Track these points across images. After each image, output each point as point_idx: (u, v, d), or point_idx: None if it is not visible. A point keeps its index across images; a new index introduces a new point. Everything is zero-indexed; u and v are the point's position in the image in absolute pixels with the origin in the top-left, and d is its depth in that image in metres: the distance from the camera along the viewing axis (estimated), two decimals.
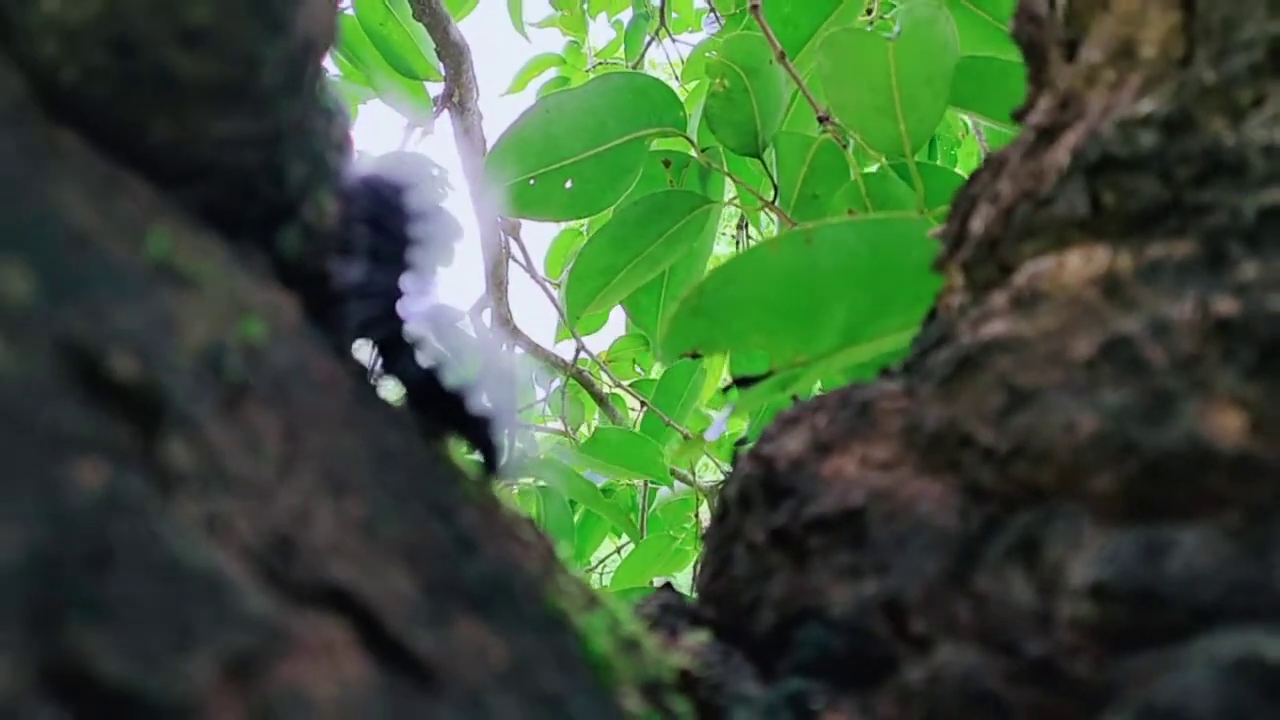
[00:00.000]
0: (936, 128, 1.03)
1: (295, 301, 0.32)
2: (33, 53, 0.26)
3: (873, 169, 1.07)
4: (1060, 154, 0.38)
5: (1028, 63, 0.48)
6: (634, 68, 2.17)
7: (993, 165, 0.44)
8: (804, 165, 1.09)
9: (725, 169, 1.18)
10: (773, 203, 1.13)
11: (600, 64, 2.35)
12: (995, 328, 0.36)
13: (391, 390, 0.34)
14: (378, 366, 0.34)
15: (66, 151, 0.25)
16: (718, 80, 1.10)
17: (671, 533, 1.38)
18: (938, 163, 1.39)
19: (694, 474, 1.43)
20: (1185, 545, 0.26)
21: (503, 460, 0.33)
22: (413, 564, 0.22)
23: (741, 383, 0.59)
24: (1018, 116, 0.49)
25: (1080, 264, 0.35)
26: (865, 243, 0.60)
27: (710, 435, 0.60)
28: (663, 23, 2.13)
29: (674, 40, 2.24)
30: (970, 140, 1.66)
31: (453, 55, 1.88)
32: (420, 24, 1.83)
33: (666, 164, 1.23)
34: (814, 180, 1.10)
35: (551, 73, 2.26)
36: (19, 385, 0.18)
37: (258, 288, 0.29)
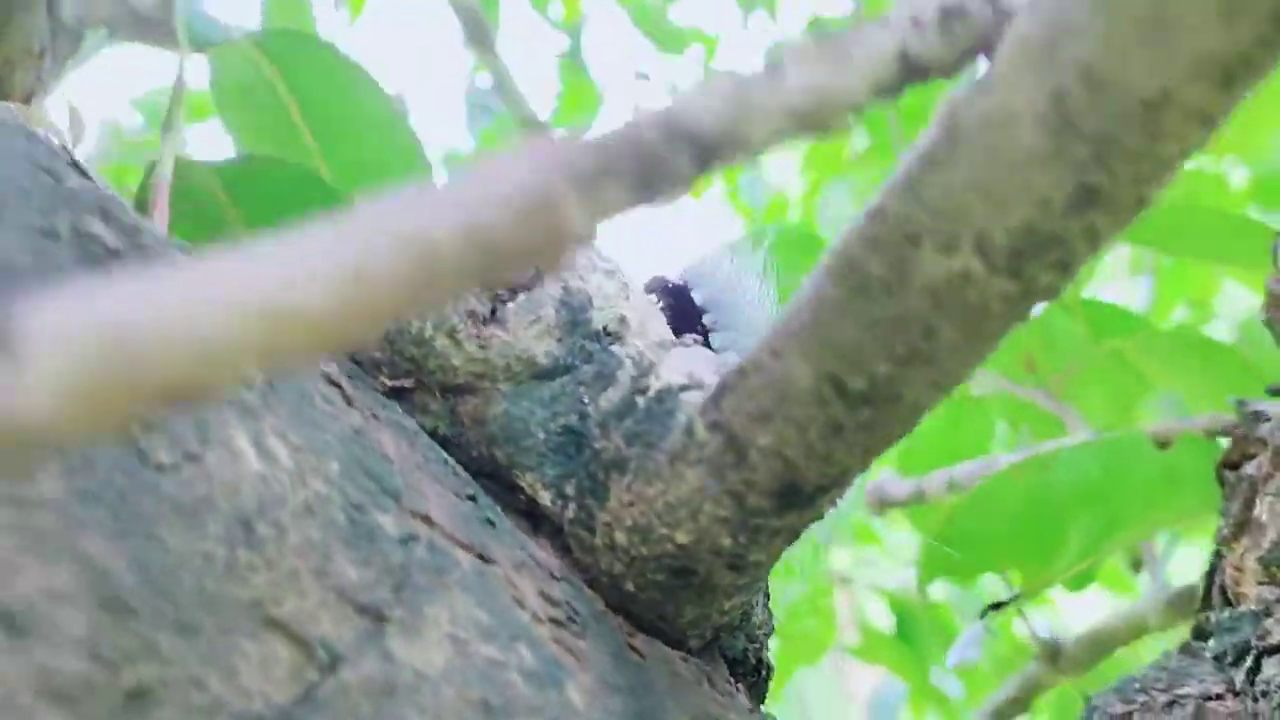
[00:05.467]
0: None
1: (744, 692, 0.39)
2: (603, 568, 0.32)
3: None
4: None
5: None
6: (751, 164, 2.24)
7: (1270, 452, 0.49)
8: None
9: None
10: None
11: None
12: None
13: None
14: None
15: (640, 649, 0.32)
16: None
17: None
18: None
19: None
20: None
21: None
22: None
23: (995, 607, 0.65)
24: (1277, 392, 0.54)
25: None
26: (1097, 464, 0.65)
27: (952, 660, 0.66)
28: None
29: None
30: None
31: None
32: None
33: None
34: None
35: None
36: None
37: (722, 704, 0.35)
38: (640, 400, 0.33)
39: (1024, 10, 0.20)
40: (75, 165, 0.32)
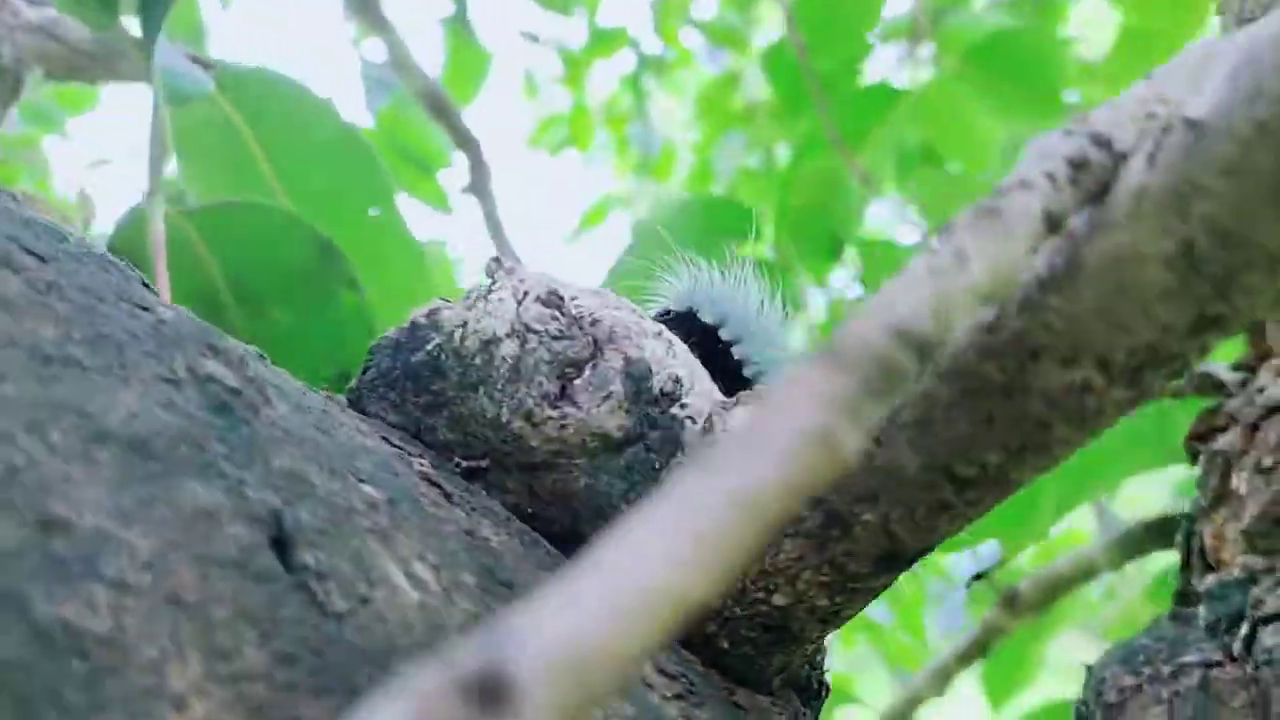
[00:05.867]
0: None
1: (809, 716, 0.41)
2: (695, 629, 0.34)
3: None
4: None
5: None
6: (640, 115, 2.25)
7: (1241, 428, 0.53)
8: (893, 268, 1.18)
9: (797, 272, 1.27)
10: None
11: (608, 117, 2.42)
12: None
13: None
14: None
15: (741, 704, 0.34)
16: (802, 195, 1.19)
17: None
18: None
19: None
20: None
21: None
22: None
23: (978, 577, 0.69)
24: (1240, 368, 0.58)
25: None
26: None
27: (939, 629, 0.70)
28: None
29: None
30: None
31: (468, 147, 1.96)
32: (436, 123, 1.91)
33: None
34: None
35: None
36: None
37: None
38: None
39: (1141, 161, 0.22)
40: (146, 285, 0.33)
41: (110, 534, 0.23)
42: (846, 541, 0.31)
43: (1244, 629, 0.48)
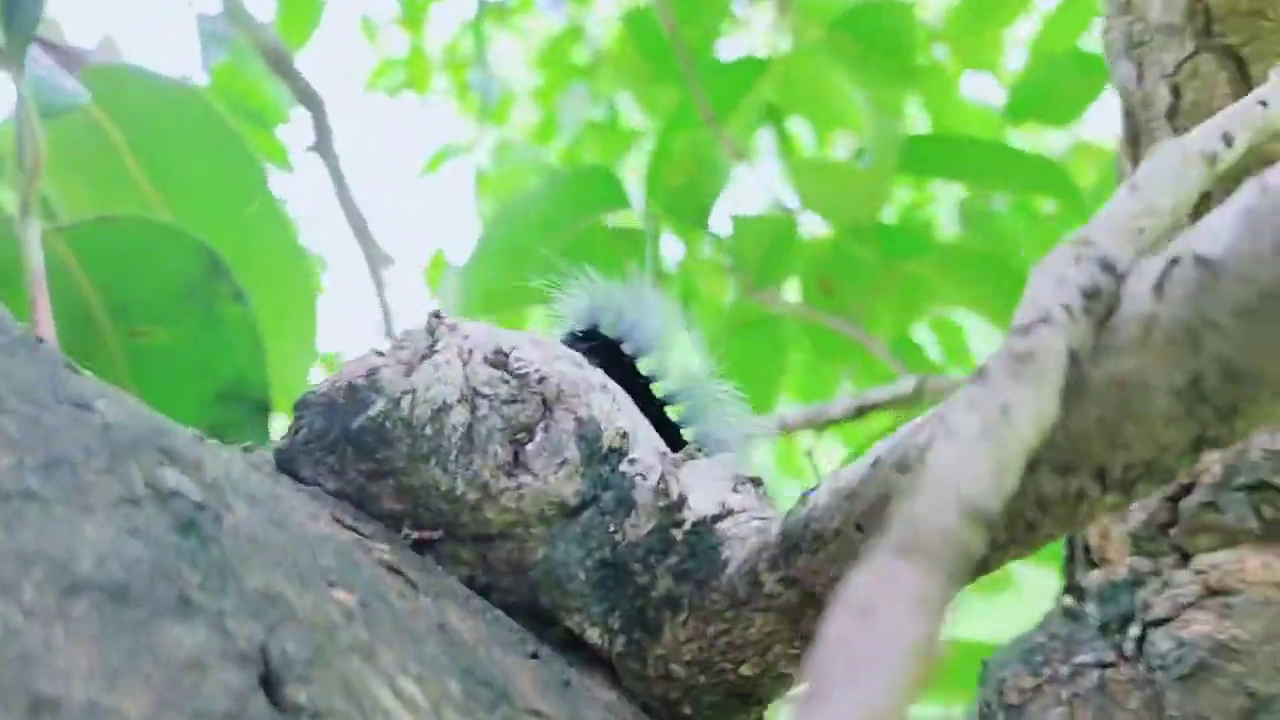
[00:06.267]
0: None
1: None
2: (656, 695, 0.34)
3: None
4: (1212, 462, 0.51)
5: None
6: (480, 61, 2.21)
7: None
8: (764, 241, 1.20)
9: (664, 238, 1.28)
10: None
11: (447, 62, 2.38)
12: (1206, 627, 0.48)
13: None
14: None
15: None
16: (677, 173, 1.20)
17: None
18: None
19: None
20: None
21: None
22: None
23: None
24: None
25: (1259, 567, 0.48)
26: None
27: None
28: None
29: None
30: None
31: (311, 104, 1.89)
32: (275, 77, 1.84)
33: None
34: (772, 253, 1.21)
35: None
36: None
37: None
38: (677, 534, 0.34)
39: (1145, 288, 0.23)
40: (71, 366, 0.30)
41: (101, 705, 0.21)
42: (820, 617, 0.31)
43: (1134, 631, 0.51)
